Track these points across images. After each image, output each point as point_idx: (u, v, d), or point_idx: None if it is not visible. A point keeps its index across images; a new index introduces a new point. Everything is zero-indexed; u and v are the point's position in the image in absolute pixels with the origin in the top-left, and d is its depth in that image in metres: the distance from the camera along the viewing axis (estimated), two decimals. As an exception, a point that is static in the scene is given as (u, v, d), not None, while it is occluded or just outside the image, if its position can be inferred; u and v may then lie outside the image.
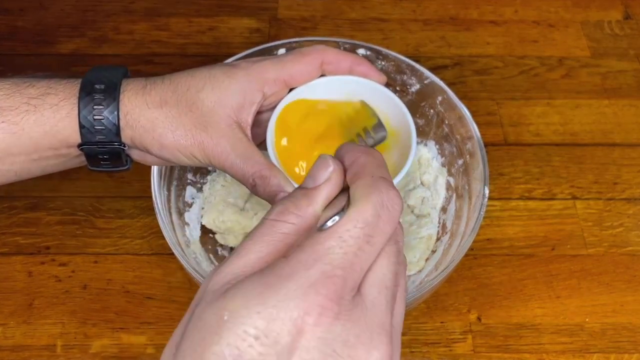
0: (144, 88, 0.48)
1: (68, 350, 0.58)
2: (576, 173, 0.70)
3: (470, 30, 0.82)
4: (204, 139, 0.47)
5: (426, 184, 0.65)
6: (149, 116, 0.47)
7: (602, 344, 0.59)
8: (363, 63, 0.53)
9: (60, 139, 0.47)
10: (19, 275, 0.62)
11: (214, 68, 0.49)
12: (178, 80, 0.49)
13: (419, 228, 0.61)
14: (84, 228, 0.65)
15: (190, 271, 0.52)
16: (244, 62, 0.50)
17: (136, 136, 0.48)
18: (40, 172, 0.50)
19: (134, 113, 0.47)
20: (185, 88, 0.48)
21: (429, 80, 0.62)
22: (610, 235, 0.66)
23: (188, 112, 0.47)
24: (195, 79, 0.48)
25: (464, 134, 0.60)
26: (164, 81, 0.48)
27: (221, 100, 0.48)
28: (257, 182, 0.47)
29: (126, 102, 0.47)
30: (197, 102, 0.48)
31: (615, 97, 0.76)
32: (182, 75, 0.49)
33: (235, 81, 0.49)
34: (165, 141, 0.47)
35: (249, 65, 0.50)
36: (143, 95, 0.48)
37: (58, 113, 0.46)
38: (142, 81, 0.49)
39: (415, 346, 0.59)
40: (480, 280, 0.62)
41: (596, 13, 0.84)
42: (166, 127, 0.47)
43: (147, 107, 0.47)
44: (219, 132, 0.47)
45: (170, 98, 0.48)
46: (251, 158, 0.47)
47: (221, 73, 0.49)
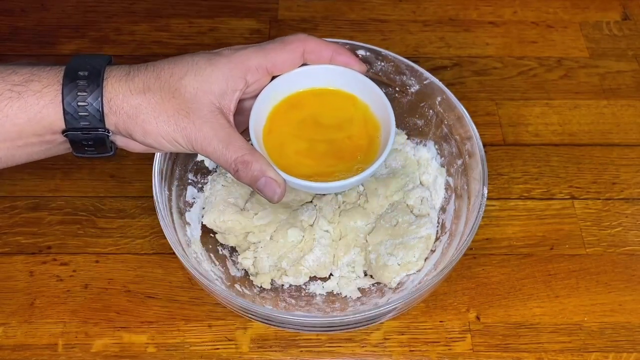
0: (128, 75, 0.48)
1: (69, 350, 0.58)
2: (575, 173, 0.70)
3: (469, 31, 0.83)
4: (187, 125, 0.48)
5: (425, 184, 0.65)
6: (132, 102, 0.48)
7: (600, 343, 0.59)
8: (344, 53, 0.53)
9: (44, 125, 0.48)
10: (21, 274, 0.62)
11: (196, 55, 0.50)
12: (161, 67, 0.49)
13: (418, 228, 0.61)
14: (85, 228, 0.65)
15: (191, 270, 0.53)
16: (226, 50, 0.51)
17: (120, 122, 0.48)
18: (25, 159, 0.50)
19: (118, 99, 0.48)
20: (168, 75, 0.49)
21: (429, 81, 0.63)
22: (609, 235, 0.66)
23: (171, 99, 0.48)
24: (178, 66, 0.49)
25: (463, 134, 0.61)
26: (147, 68, 0.49)
27: (204, 87, 0.48)
28: (239, 167, 0.48)
29: (110, 89, 0.48)
30: (180, 89, 0.48)
31: (614, 97, 0.77)
32: (165, 62, 0.50)
33: (217, 69, 0.49)
34: (149, 127, 0.48)
35: (232, 53, 0.50)
36: (126, 82, 0.48)
37: (42, 99, 0.47)
38: (125, 68, 0.49)
39: (414, 345, 0.59)
40: (479, 280, 0.63)
41: (595, 14, 0.85)
42: (149, 114, 0.48)
43: (131, 94, 0.48)
44: (201, 118, 0.48)
45: (154, 84, 0.48)
46: (233, 143, 0.48)
47: (204, 60, 0.49)
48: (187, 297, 0.61)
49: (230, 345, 0.59)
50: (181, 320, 0.60)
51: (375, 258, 0.60)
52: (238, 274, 0.61)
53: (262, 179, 0.48)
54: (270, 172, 0.48)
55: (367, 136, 0.54)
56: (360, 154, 0.53)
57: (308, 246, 0.61)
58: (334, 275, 0.62)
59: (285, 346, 0.59)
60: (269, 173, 0.48)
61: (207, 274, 0.57)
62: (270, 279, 0.60)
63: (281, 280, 0.61)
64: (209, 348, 0.58)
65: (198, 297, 0.61)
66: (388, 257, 0.59)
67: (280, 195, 0.48)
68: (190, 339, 0.59)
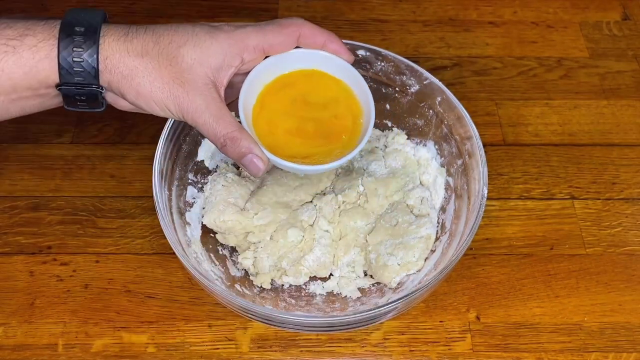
0: (126, 35, 0.49)
1: (69, 350, 0.58)
2: (575, 173, 0.70)
3: (469, 31, 0.83)
4: (180, 94, 0.49)
5: (425, 184, 0.65)
6: (129, 64, 0.48)
7: (600, 343, 0.59)
8: (335, 41, 0.54)
9: (39, 80, 0.48)
10: (21, 274, 0.62)
11: (197, 26, 0.50)
12: (161, 32, 0.49)
13: (418, 228, 0.61)
14: (85, 228, 0.65)
15: (191, 270, 0.53)
16: (226, 26, 0.51)
17: (114, 81, 0.49)
18: (19, 113, 0.51)
19: (114, 59, 0.48)
20: (167, 41, 0.49)
21: (428, 81, 0.63)
22: (609, 235, 0.66)
23: (168, 66, 0.49)
24: (178, 34, 0.49)
25: (463, 134, 0.61)
26: (147, 31, 0.49)
27: (201, 59, 0.49)
28: (227, 143, 0.49)
29: (106, 47, 0.48)
30: (178, 57, 0.49)
31: (614, 97, 0.77)
32: (166, 28, 0.50)
33: (217, 42, 0.50)
34: (142, 90, 0.49)
35: (232, 30, 0.51)
36: (124, 42, 0.48)
37: (37, 54, 0.47)
38: (124, 28, 0.49)
39: (414, 345, 0.59)
40: (479, 280, 0.63)
41: (595, 14, 0.85)
42: (145, 77, 0.48)
43: (128, 55, 0.48)
44: (195, 89, 0.49)
45: (152, 49, 0.49)
46: (224, 119, 0.49)
47: (204, 32, 0.50)
48: (187, 297, 0.61)
49: (230, 345, 0.59)
50: (181, 320, 0.60)
51: (375, 258, 0.60)
52: (238, 274, 0.61)
53: (249, 155, 0.50)
54: (256, 150, 0.50)
55: (351, 117, 0.55)
56: (345, 135, 0.55)
57: (308, 246, 0.61)
58: (334, 275, 0.62)
59: (285, 346, 0.59)
60: (255, 151, 0.50)
61: (207, 274, 0.57)
62: (270, 279, 0.61)
63: (281, 280, 0.61)
64: (209, 348, 0.58)
65: (198, 297, 0.61)
66: (388, 257, 0.59)
67: (263, 172, 0.51)
68: (190, 339, 0.59)
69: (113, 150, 0.71)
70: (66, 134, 0.72)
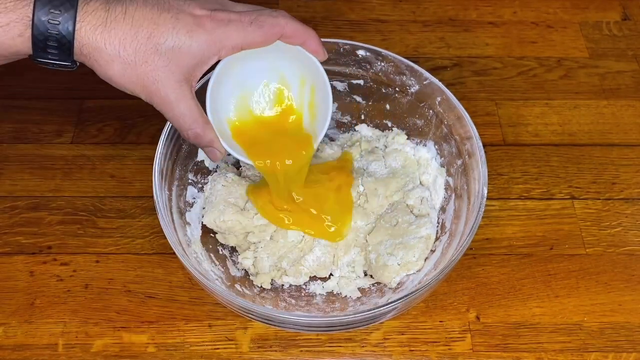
0: (104, 25, 0.48)
1: (69, 350, 0.58)
2: (574, 173, 0.70)
3: (469, 31, 0.83)
4: (153, 89, 0.50)
5: (425, 184, 0.65)
6: (105, 56, 0.48)
7: (600, 343, 0.59)
8: (314, 40, 0.54)
9: (11, 52, 0.48)
10: (21, 274, 0.62)
11: (179, 21, 0.50)
12: (140, 23, 0.49)
13: (418, 228, 0.61)
14: (85, 228, 0.65)
15: (191, 270, 0.53)
16: (209, 22, 0.50)
17: (86, 62, 0.49)
18: None
19: (89, 47, 0.48)
20: (146, 35, 0.49)
21: (428, 81, 0.63)
22: (609, 235, 0.66)
23: (143, 63, 0.49)
24: (158, 29, 0.49)
25: (463, 135, 0.61)
26: (125, 19, 0.48)
27: (178, 59, 0.50)
28: (191, 135, 0.53)
29: (82, 35, 0.48)
30: (154, 55, 0.49)
31: (614, 97, 0.77)
32: (145, 17, 0.49)
33: (196, 43, 0.50)
34: (115, 79, 0.50)
35: (214, 29, 0.50)
36: (102, 33, 0.48)
37: (9, 33, 0.47)
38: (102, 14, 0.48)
39: (414, 345, 0.59)
40: (479, 280, 0.63)
41: (594, 14, 0.85)
42: (119, 71, 0.49)
43: (105, 48, 0.48)
44: (168, 86, 0.50)
45: (130, 44, 0.48)
46: (191, 114, 0.52)
47: (185, 31, 0.49)
48: (187, 297, 0.61)
49: (230, 345, 0.59)
50: (181, 320, 0.60)
51: (375, 258, 0.60)
52: (238, 274, 0.61)
53: (209, 148, 0.54)
54: (217, 144, 0.54)
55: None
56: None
57: (308, 246, 0.61)
58: (334, 275, 0.62)
59: (285, 346, 0.59)
60: (215, 145, 0.54)
61: (207, 274, 0.57)
62: (270, 279, 0.61)
63: (281, 280, 0.61)
64: (209, 348, 0.58)
65: (198, 297, 0.61)
66: (388, 257, 0.59)
67: (219, 160, 0.56)
68: (190, 339, 0.59)
69: (113, 150, 0.71)
70: (66, 134, 0.72)
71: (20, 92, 0.75)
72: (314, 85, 0.57)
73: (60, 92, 0.75)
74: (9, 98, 0.74)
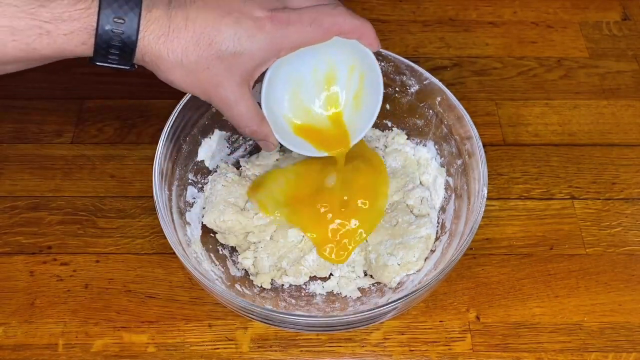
0: (167, 35, 0.48)
1: (69, 350, 0.58)
2: (574, 173, 0.70)
3: (469, 31, 0.83)
4: (212, 92, 0.51)
5: (425, 184, 0.65)
6: (166, 63, 0.49)
7: (600, 343, 0.59)
8: (369, 35, 0.55)
9: (71, 56, 0.47)
10: (21, 274, 0.62)
11: (240, 25, 0.49)
12: (202, 29, 0.48)
13: (418, 228, 0.61)
14: (85, 228, 0.65)
15: (191, 270, 0.53)
16: (269, 24, 0.50)
17: (147, 66, 0.50)
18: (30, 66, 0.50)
19: (152, 55, 0.48)
20: (207, 42, 0.49)
21: (428, 81, 0.63)
22: (609, 235, 0.66)
23: (205, 70, 0.49)
24: (220, 35, 0.49)
25: (463, 134, 0.61)
26: (187, 26, 0.48)
27: (239, 63, 0.50)
28: (248, 132, 0.54)
29: (145, 45, 0.48)
30: (216, 61, 0.49)
31: (614, 97, 0.77)
32: (207, 23, 0.48)
33: (257, 46, 0.50)
34: (176, 83, 0.50)
35: (274, 31, 0.50)
36: (165, 42, 0.48)
37: (72, 41, 0.46)
38: (164, 22, 0.48)
39: (414, 345, 0.59)
40: (479, 280, 0.63)
41: (594, 14, 0.85)
42: (180, 76, 0.49)
43: (167, 56, 0.48)
44: (228, 89, 0.51)
45: (192, 52, 0.48)
46: (249, 113, 0.53)
47: (246, 36, 0.49)
48: (187, 297, 0.61)
49: (230, 345, 0.59)
50: (181, 320, 0.60)
51: (375, 258, 0.60)
52: (238, 273, 0.61)
53: (264, 141, 0.56)
54: (272, 138, 0.56)
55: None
56: None
57: (308, 246, 0.61)
58: (334, 275, 0.62)
59: (285, 346, 0.59)
60: (270, 139, 0.56)
61: (207, 273, 0.57)
62: (270, 278, 0.61)
63: (281, 280, 0.61)
64: (209, 348, 0.58)
65: (198, 297, 0.61)
66: (388, 257, 0.59)
67: (272, 150, 0.57)
68: (190, 339, 0.59)
69: (113, 150, 0.71)
70: (66, 134, 0.72)
71: (20, 92, 0.75)
72: (362, 74, 0.58)
73: (60, 92, 0.75)
74: (9, 98, 0.74)
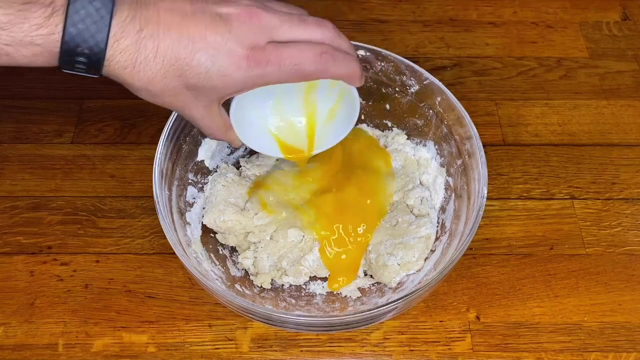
0: (133, 67, 0.46)
1: (69, 349, 0.58)
2: (574, 173, 0.70)
3: (469, 31, 0.83)
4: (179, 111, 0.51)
5: (425, 184, 0.65)
6: (132, 87, 0.48)
7: (600, 342, 0.59)
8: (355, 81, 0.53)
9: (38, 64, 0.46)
10: (21, 274, 0.62)
11: (214, 64, 0.47)
12: (172, 62, 0.46)
13: (418, 228, 0.61)
14: (85, 228, 0.65)
15: (191, 270, 0.53)
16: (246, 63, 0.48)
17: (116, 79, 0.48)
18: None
19: (117, 78, 0.47)
20: (176, 74, 0.47)
21: (428, 81, 0.63)
22: (609, 234, 0.66)
23: (171, 96, 0.49)
24: (191, 70, 0.47)
25: (463, 135, 0.61)
26: (156, 58, 0.46)
27: (208, 94, 0.49)
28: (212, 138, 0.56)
29: (110, 71, 0.46)
30: (182, 90, 0.48)
31: (614, 97, 0.77)
32: (178, 56, 0.46)
33: (230, 83, 0.48)
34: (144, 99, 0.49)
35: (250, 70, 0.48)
36: (130, 72, 0.47)
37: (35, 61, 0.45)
38: (132, 54, 0.46)
39: (414, 345, 0.59)
40: (479, 280, 0.63)
41: (594, 14, 0.85)
42: (146, 97, 0.49)
43: (133, 83, 0.47)
44: (194, 110, 0.51)
45: (159, 82, 0.47)
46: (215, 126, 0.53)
47: (219, 75, 0.48)
48: (187, 297, 0.61)
49: (230, 345, 0.59)
50: (181, 320, 0.60)
51: (375, 258, 0.60)
52: (238, 273, 0.61)
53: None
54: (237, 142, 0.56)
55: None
56: None
57: (308, 246, 0.61)
58: (334, 275, 0.62)
59: (285, 346, 0.59)
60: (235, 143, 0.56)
61: (207, 273, 0.57)
62: (270, 278, 0.61)
63: (281, 280, 0.61)
64: (209, 348, 0.59)
65: (198, 297, 0.61)
66: (388, 257, 0.59)
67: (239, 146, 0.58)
68: (190, 339, 0.59)
69: (113, 150, 0.71)
70: (66, 134, 0.72)
71: (20, 92, 0.75)
72: (342, 93, 0.56)
73: (60, 92, 0.75)
74: (9, 98, 0.74)
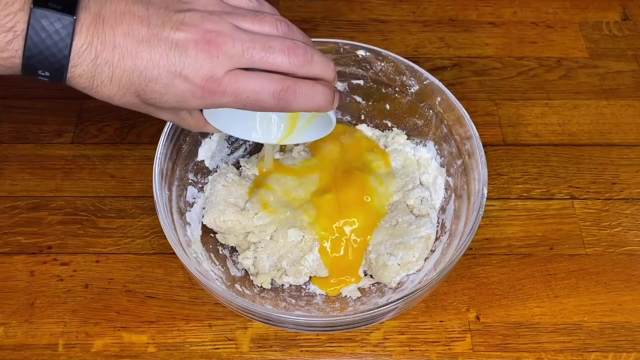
0: (90, 88, 0.47)
1: (69, 350, 0.58)
2: (574, 173, 0.70)
3: (469, 31, 0.83)
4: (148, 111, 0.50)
5: (425, 184, 0.65)
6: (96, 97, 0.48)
7: (600, 343, 0.59)
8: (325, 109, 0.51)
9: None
10: (21, 274, 0.62)
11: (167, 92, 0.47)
12: (128, 86, 0.46)
13: (418, 228, 0.61)
14: (85, 228, 0.65)
15: (191, 270, 0.53)
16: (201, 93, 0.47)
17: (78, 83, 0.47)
18: None
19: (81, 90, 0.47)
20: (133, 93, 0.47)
21: (428, 81, 0.63)
22: (609, 235, 0.66)
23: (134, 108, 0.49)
24: (146, 94, 0.47)
25: (463, 135, 0.61)
26: (112, 84, 0.46)
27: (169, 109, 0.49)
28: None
29: (72, 84, 0.46)
30: (143, 105, 0.48)
31: (614, 97, 0.77)
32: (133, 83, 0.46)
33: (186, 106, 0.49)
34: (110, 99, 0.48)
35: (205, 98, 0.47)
36: (90, 90, 0.47)
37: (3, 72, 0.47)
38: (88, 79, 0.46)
39: (414, 345, 0.59)
40: (479, 280, 0.63)
41: (594, 14, 0.85)
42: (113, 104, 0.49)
43: (95, 94, 0.47)
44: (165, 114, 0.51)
45: (118, 99, 0.48)
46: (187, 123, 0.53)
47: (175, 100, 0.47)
48: (187, 297, 0.61)
49: (230, 345, 0.59)
50: (181, 320, 0.60)
51: (375, 258, 0.60)
52: (238, 274, 0.61)
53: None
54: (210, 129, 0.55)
55: None
56: None
57: (308, 246, 0.61)
58: (334, 275, 0.62)
59: (285, 346, 0.59)
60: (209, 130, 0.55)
61: (207, 274, 0.57)
62: (270, 279, 0.61)
63: (281, 280, 0.61)
64: (209, 348, 0.59)
65: (198, 297, 0.61)
66: (388, 257, 0.59)
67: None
68: (190, 339, 0.59)
69: (113, 150, 0.71)
70: (66, 134, 0.72)
71: (20, 92, 0.75)
72: None
73: (60, 92, 0.75)
74: (9, 98, 0.74)
